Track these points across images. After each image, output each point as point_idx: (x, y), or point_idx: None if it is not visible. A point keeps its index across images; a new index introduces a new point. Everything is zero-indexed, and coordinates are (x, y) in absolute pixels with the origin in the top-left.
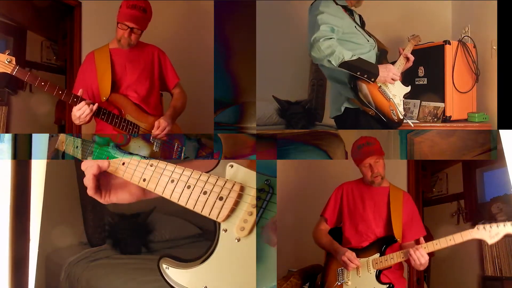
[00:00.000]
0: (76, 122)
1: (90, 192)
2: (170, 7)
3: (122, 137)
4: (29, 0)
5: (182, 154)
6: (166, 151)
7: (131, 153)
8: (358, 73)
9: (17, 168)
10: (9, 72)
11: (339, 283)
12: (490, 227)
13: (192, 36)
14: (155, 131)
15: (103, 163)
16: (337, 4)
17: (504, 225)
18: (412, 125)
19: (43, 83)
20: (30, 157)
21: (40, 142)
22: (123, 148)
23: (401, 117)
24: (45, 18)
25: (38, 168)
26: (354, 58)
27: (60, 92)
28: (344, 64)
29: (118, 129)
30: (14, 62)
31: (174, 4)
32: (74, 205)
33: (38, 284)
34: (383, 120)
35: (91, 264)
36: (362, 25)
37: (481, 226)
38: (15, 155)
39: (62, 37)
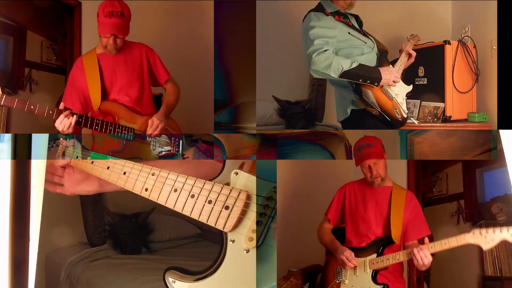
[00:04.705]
0: (64, 133)
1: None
2: (170, 7)
3: (119, 143)
4: (29, 0)
5: (180, 147)
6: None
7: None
8: (361, 80)
9: (17, 168)
10: None
11: (337, 281)
12: (486, 232)
13: (192, 36)
14: (149, 130)
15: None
16: (327, 14)
17: (501, 231)
18: (416, 122)
19: (32, 107)
20: (30, 157)
21: (40, 142)
22: (120, 153)
23: (405, 116)
24: (45, 18)
25: (38, 168)
26: (354, 65)
27: (51, 112)
28: (345, 74)
29: (113, 136)
30: (0, 91)
31: (174, 4)
32: (74, 205)
33: (38, 284)
34: (387, 120)
35: (91, 264)
36: (360, 25)
37: (477, 231)
38: (15, 155)
39: (62, 37)
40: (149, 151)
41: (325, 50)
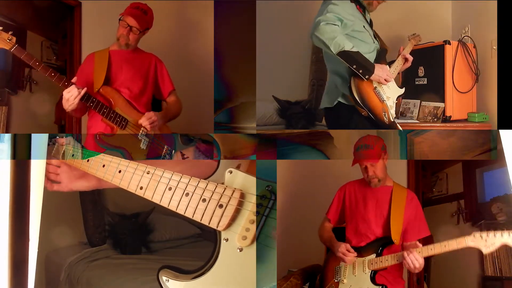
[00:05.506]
0: (66, 106)
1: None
2: (170, 7)
3: (109, 129)
4: (29, 0)
5: (172, 156)
6: (154, 150)
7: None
8: (354, 66)
9: (16, 168)
10: (7, 49)
11: (336, 281)
12: (487, 235)
13: (192, 36)
14: (142, 119)
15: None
16: (351, 1)
17: (502, 235)
18: (401, 128)
19: (37, 63)
20: (29, 157)
21: (40, 142)
22: (108, 138)
23: (392, 120)
24: (45, 18)
25: (38, 168)
26: (354, 49)
27: (53, 74)
28: (342, 53)
29: (106, 119)
30: (14, 41)
31: (174, 4)
32: (74, 205)
33: (38, 284)
34: (373, 121)
35: (91, 264)
36: (371, 24)
37: (477, 234)
38: (14, 155)
39: (62, 37)
40: (137, 146)
41: (334, 25)
